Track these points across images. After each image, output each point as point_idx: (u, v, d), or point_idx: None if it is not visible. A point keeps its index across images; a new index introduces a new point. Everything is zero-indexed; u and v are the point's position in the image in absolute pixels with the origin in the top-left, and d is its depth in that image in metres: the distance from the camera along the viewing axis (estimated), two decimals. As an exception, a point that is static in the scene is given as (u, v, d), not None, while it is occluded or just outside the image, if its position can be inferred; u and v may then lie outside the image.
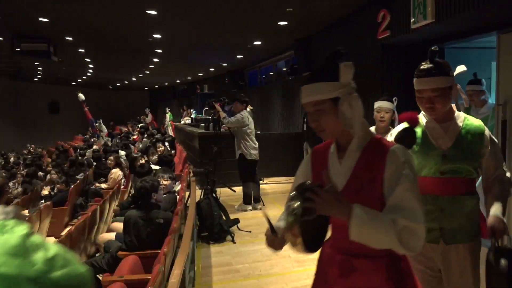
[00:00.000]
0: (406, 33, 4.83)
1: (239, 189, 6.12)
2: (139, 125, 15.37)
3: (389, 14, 5.16)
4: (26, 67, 14.77)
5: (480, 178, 2.13)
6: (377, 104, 3.36)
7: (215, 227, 4.91)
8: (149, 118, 17.78)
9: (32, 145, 17.90)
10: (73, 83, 21.53)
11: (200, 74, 17.06)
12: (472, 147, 1.90)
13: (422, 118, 2.00)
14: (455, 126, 1.93)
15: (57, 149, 13.64)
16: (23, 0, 6.26)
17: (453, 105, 2.01)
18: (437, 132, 1.94)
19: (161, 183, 4.35)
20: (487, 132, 1.93)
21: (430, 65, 1.88)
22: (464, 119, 1.95)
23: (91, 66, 14.40)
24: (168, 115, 17.46)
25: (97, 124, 13.65)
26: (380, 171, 1.33)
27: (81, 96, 12.07)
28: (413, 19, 4.56)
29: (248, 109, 6.26)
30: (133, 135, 14.43)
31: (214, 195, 5.25)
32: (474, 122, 1.95)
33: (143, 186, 3.64)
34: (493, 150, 1.94)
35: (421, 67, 1.90)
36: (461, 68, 1.90)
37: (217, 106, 6.04)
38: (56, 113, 19.63)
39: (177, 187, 5.03)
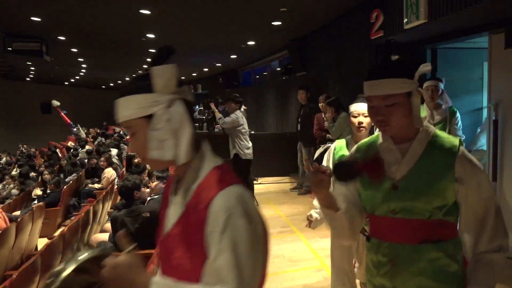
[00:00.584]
0: (399, 33, 4.86)
1: (233, 189, 6.11)
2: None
3: (382, 14, 5.19)
4: (18, 67, 14.65)
5: None
6: (353, 107, 2.61)
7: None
8: None
9: (25, 145, 17.77)
10: (66, 83, 21.40)
11: (194, 74, 17.03)
12: (434, 178, 1.35)
13: (380, 136, 1.53)
14: (417, 146, 1.40)
15: (49, 150, 13.55)
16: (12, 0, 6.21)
17: (426, 110, 1.57)
18: (392, 156, 1.43)
19: (148, 184, 4.34)
20: (462, 155, 1.37)
21: (384, 63, 1.40)
22: (433, 137, 1.42)
23: (84, 65, 14.32)
24: None
25: (75, 129, 13.59)
26: (202, 224, 1.00)
27: (55, 102, 12.05)
28: (406, 19, 4.59)
29: (242, 109, 6.26)
30: (126, 135, 14.36)
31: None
32: (446, 141, 1.40)
33: (124, 185, 3.70)
34: (476, 181, 1.35)
35: (373, 67, 1.44)
36: (425, 67, 1.43)
37: (213, 106, 6.04)
38: (48, 113, 19.50)
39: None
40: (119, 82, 21.14)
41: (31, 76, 17.68)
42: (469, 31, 4.49)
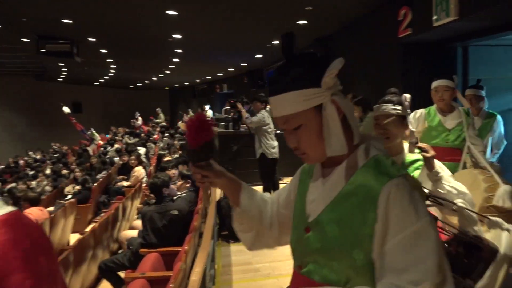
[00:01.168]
0: (428, 31, 4.76)
1: (259, 188, 6.14)
2: (160, 125, 15.56)
3: (410, 11, 5.09)
4: (50, 68, 15.15)
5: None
6: (380, 111, 2.03)
7: (235, 226, 4.94)
8: (139, 122, 17.95)
9: (57, 144, 18.32)
10: (95, 83, 21.94)
11: (220, 74, 17.15)
12: (352, 223, 0.95)
13: None
14: (340, 176, 1.01)
15: (80, 148, 13.95)
16: (47, 2, 6.42)
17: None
18: (316, 188, 1.07)
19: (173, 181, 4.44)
20: (391, 187, 0.91)
21: (278, 71, 1.05)
22: (368, 163, 0.99)
23: (113, 66, 14.65)
24: (162, 115, 17.69)
25: (89, 133, 14.01)
26: None
27: (66, 109, 12.44)
28: (435, 17, 4.49)
29: (267, 108, 6.28)
30: (153, 134, 14.62)
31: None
32: (382, 170, 0.95)
33: (153, 182, 3.83)
34: (401, 238, 0.89)
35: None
36: (336, 65, 0.99)
37: (239, 105, 6.09)
38: (79, 112, 20.09)
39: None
40: (147, 82, 21.51)
41: (63, 76, 18.22)
42: (502, 28, 4.35)
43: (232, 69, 15.21)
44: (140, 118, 17.87)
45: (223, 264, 4.23)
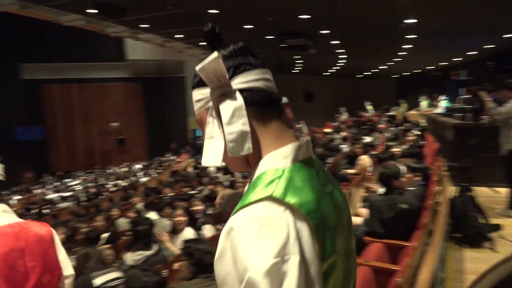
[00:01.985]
0: None
1: (503, 191, 5.28)
2: (387, 114, 15.27)
3: None
4: (288, 61, 16.84)
5: None
6: None
7: (470, 229, 4.41)
8: (344, 117, 17.24)
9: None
10: (325, 74, 23.16)
11: (457, 59, 15.46)
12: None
13: None
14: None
15: (310, 135, 15.07)
16: (289, 2, 7.11)
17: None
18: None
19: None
20: (237, 227, 0.73)
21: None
22: (255, 179, 0.82)
23: (343, 56, 15.12)
24: (369, 108, 16.70)
25: (300, 125, 14.58)
26: None
27: (284, 99, 13.23)
28: None
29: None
30: (379, 123, 14.46)
31: (470, 193, 4.72)
32: (255, 187, 0.78)
33: (383, 173, 3.82)
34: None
35: None
36: (211, 62, 0.78)
37: (484, 94, 5.36)
38: (310, 101, 21.71)
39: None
40: (374, 70, 21.36)
41: (298, 68, 19.97)
42: None
43: (472, 53, 13.49)
44: (345, 113, 17.84)
45: (454, 269, 3.85)
